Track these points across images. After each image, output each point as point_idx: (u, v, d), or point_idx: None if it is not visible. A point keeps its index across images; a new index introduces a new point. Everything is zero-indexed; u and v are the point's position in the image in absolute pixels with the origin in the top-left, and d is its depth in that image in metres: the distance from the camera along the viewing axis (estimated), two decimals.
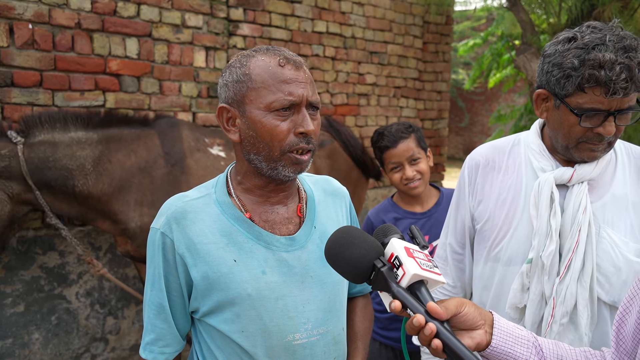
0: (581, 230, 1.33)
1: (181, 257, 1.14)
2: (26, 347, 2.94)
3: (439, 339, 0.87)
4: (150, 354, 1.19)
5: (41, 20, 2.84)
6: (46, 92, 2.89)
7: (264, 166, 1.15)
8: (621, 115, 1.28)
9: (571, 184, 1.37)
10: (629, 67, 1.21)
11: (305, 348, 1.17)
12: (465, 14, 10.66)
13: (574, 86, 1.27)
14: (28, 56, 2.81)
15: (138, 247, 2.61)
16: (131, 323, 3.33)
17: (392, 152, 2.18)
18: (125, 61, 3.16)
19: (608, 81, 1.22)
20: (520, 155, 1.49)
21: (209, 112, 3.55)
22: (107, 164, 2.54)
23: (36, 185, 2.40)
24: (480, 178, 1.54)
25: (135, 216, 2.57)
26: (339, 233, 1.02)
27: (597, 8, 3.74)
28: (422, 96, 5.10)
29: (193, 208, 1.17)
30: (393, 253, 0.96)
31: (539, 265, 1.36)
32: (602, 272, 1.34)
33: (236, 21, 3.67)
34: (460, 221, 1.61)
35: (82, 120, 2.53)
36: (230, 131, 1.18)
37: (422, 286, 0.94)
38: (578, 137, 1.32)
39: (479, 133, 16.28)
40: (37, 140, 2.40)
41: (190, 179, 2.67)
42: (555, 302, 1.34)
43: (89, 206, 2.54)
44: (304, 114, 1.14)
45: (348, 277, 1.00)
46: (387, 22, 4.70)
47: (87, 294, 3.14)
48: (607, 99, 1.24)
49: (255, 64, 1.14)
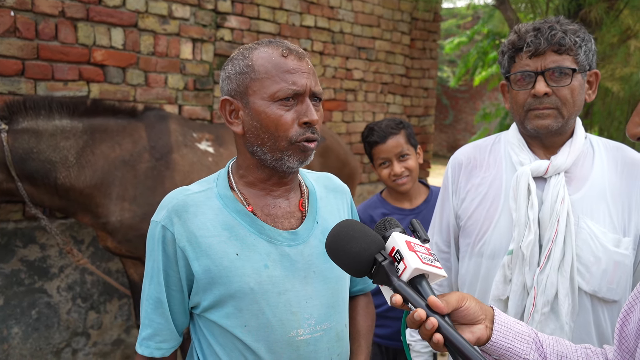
0: (560, 220, 1.37)
1: (182, 251, 1.12)
2: (5, 341, 2.88)
3: (440, 333, 0.87)
4: (146, 349, 1.17)
5: (24, 7, 2.76)
6: (28, 81, 2.82)
7: (269, 157, 1.14)
8: (551, 75, 1.39)
9: (548, 175, 1.43)
10: (539, 28, 1.39)
11: (309, 344, 1.16)
12: (452, 12, 10.72)
13: (507, 60, 1.46)
14: (10, 44, 2.74)
15: (119, 242, 2.54)
16: (113, 318, 3.29)
17: (381, 148, 2.18)
18: (110, 51, 3.10)
19: (520, 41, 1.41)
20: (500, 152, 1.55)
21: (195, 105, 3.51)
22: (90, 155, 2.46)
23: (19, 176, 2.33)
24: (463, 177, 1.59)
25: (116, 210, 2.49)
26: (340, 227, 1.02)
27: (583, 8, 3.78)
28: (409, 93, 5.11)
29: (194, 201, 1.15)
30: (394, 247, 0.96)
31: (519, 256, 1.40)
32: (582, 262, 1.37)
33: (224, 13, 3.63)
34: (445, 220, 1.65)
35: (67, 107, 2.44)
36: (233, 124, 1.17)
37: (423, 280, 0.94)
38: (523, 105, 1.43)
39: (462, 130, 16.42)
40: (20, 127, 2.32)
41: (175, 175, 2.60)
42: (537, 291, 1.38)
43: (69, 199, 2.47)
44: (308, 104, 1.13)
45: (349, 271, 1.00)
46: (376, 17, 4.70)
47: (68, 287, 3.08)
48: (531, 60, 1.40)
49: (258, 55, 1.14)
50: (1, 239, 2.83)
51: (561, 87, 1.39)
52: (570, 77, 1.38)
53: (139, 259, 2.64)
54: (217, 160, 2.79)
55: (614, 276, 1.36)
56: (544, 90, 1.37)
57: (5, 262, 2.85)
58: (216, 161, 2.78)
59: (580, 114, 1.50)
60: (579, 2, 3.87)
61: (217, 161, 2.78)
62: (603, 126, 4.73)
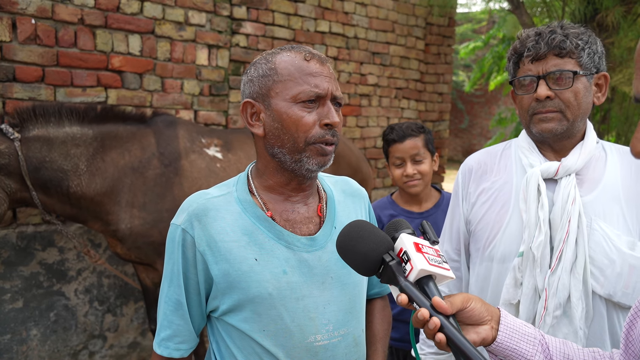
0: (571, 221, 1.36)
1: (202, 255, 1.13)
2: (24, 343, 2.93)
3: (442, 333, 0.88)
4: (165, 349, 1.18)
5: (44, 15, 2.83)
6: (48, 87, 2.88)
7: (288, 159, 1.15)
8: (553, 78, 1.40)
9: (558, 177, 1.42)
10: (540, 33, 1.41)
11: (327, 349, 1.16)
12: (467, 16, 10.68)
13: (512, 65, 1.49)
14: (30, 51, 2.80)
15: (128, 249, 2.54)
16: (130, 320, 3.32)
17: (398, 147, 2.20)
18: (128, 58, 3.15)
19: (522, 47, 1.44)
20: (511, 157, 1.55)
21: (210, 110, 3.55)
22: (100, 162, 2.46)
23: (33, 185, 2.33)
24: (473, 182, 1.59)
25: (125, 217, 2.49)
26: (351, 226, 1.03)
27: (600, 12, 3.75)
28: (424, 98, 5.10)
29: (214, 205, 1.16)
30: (402, 248, 0.98)
31: (530, 258, 1.38)
32: (596, 265, 1.35)
33: (239, 19, 3.66)
34: (455, 227, 1.64)
35: (77, 114, 2.44)
36: (254, 126, 1.18)
37: (430, 281, 0.96)
38: (528, 110, 1.44)
39: (478, 135, 16.31)
40: (31, 135, 2.32)
41: (184, 182, 2.60)
42: (548, 293, 1.36)
43: (81, 207, 2.47)
44: (329, 107, 1.15)
45: (357, 270, 1.02)
46: (390, 23, 4.70)
47: (85, 290, 3.13)
48: (532, 65, 1.42)
49: (281, 59, 1.16)
50: (21, 242, 2.89)
51: (563, 90, 1.39)
52: (572, 79, 1.38)
53: (149, 264, 2.65)
54: (226, 166, 2.77)
55: (629, 280, 1.33)
56: (545, 94, 1.39)
57: (25, 265, 2.90)
58: (224, 167, 2.76)
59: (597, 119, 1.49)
60: (596, 6, 3.83)
61: (225, 167, 2.77)
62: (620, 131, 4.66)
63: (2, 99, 2.75)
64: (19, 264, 2.88)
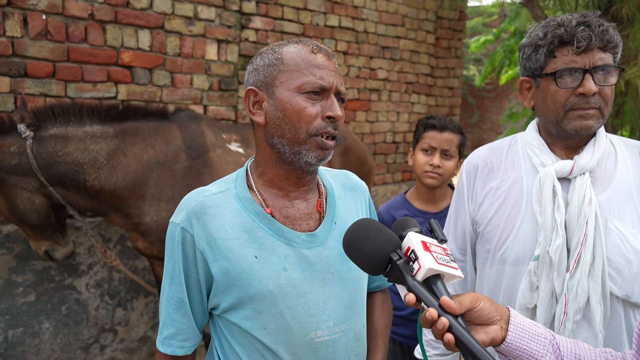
0: (588, 222, 1.31)
1: (201, 253, 1.13)
2: (36, 336, 2.96)
3: (451, 333, 0.87)
4: (169, 347, 1.18)
5: (55, 11, 2.83)
6: (59, 83, 2.89)
7: (287, 150, 1.14)
8: (599, 73, 1.31)
9: (573, 176, 1.36)
10: (587, 22, 1.29)
11: (328, 345, 1.16)
12: (478, 10, 10.58)
13: (544, 54, 1.34)
14: (41, 47, 2.82)
15: (151, 243, 2.56)
16: (140, 315, 3.34)
17: (434, 135, 2.17)
18: (138, 53, 3.15)
19: (569, 36, 1.29)
20: (518, 153, 1.48)
21: (219, 105, 3.55)
22: (122, 157, 2.47)
23: (48, 181, 2.36)
24: (480, 180, 1.52)
25: (151, 211, 2.50)
26: (357, 225, 1.02)
27: (614, 5, 3.68)
28: (434, 92, 5.06)
29: (213, 203, 1.16)
30: (410, 247, 0.96)
31: (546, 262, 1.33)
32: (613, 266, 1.31)
33: (248, 14, 3.65)
34: (460, 227, 1.58)
35: (98, 113, 2.46)
36: (255, 114, 1.18)
37: (438, 280, 0.94)
38: (564, 105, 1.33)
39: (488, 130, 16.18)
40: (48, 134, 2.34)
41: (214, 173, 2.61)
42: (567, 298, 1.31)
43: (100, 200, 2.50)
44: (333, 100, 1.15)
45: (365, 269, 1.01)
46: (400, 16, 4.67)
47: (97, 285, 3.15)
48: (578, 56, 1.30)
49: (288, 50, 1.16)
50: None
51: (606, 86, 1.31)
52: (614, 76, 1.32)
53: None
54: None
55: None
56: (595, 89, 1.29)
57: (37, 259, 2.93)
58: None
59: (610, 113, 1.44)
60: None
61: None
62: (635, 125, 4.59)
63: (14, 94, 2.77)
64: (31, 257, 2.90)
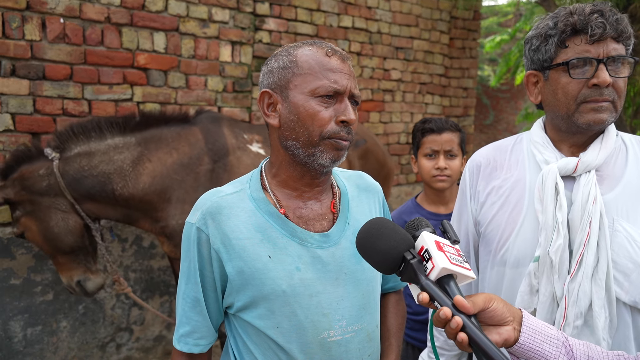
0: (592, 222, 1.24)
1: (216, 252, 1.14)
2: (54, 334, 3.01)
3: (464, 333, 0.87)
4: (185, 345, 1.20)
5: (72, 14, 2.88)
6: (76, 85, 2.94)
7: (301, 152, 1.15)
8: (613, 64, 1.25)
9: (577, 174, 1.29)
10: (601, 10, 1.23)
11: (340, 345, 1.16)
12: (493, 9, 10.49)
13: (555, 44, 1.27)
14: (59, 50, 2.86)
15: (175, 246, 2.56)
16: (155, 314, 3.38)
17: (434, 138, 2.16)
18: (153, 55, 3.19)
19: (582, 24, 1.22)
20: (522, 152, 1.43)
21: (234, 106, 3.57)
22: (147, 163, 2.49)
23: (77, 197, 2.39)
24: (482, 179, 1.46)
25: (176, 214, 2.52)
26: (371, 224, 1.03)
27: (633, 3, 3.63)
28: (448, 93, 5.03)
29: (228, 203, 1.17)
30: (423, 246, 0.97)
31: (547, 263, 1.27)
32: (620, 269, 1.24)
33: (262, 16, 3.67)
34: (463, 228, 1.53)
35: (117, 125, 2.48)
36: (270, 116, 1.19)
37: (451, 280, 0.94)
38: (576, 97, 1.26)
39: (503, 131, 16.02)
40: (73, 153, 2.39)
41: (232, 177, 2.60)
42: (567, 302, 1.25)
43: (131, 207, 2.51)
44: (347, 104, 1.15)
45: (378, 268, 1.01)
46: (414, 17, 4.65)
47: (113, 284, 3.19)
48: (591, 46, 1.23)
49: (303, 52, 1.16)
50: None
51: (620, 78, 1.25)
52: (627, 68, 1.27)
53: None
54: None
55: None
56: (609, 80, 1.22)
57: None
58: None
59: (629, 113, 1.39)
60: None
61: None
62: None
63: (33, 97, 2.81)
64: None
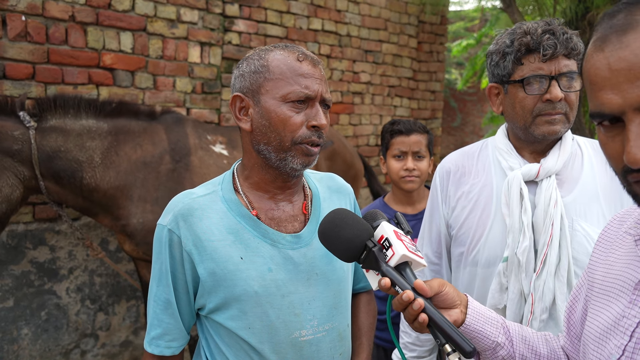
0: (554, 224, 1.35)
1: (188, 254, 1.14)
2: (15, 342, 2.91)
3: (425, 314, 0.94)
4: (156, 348, 1.19)
5: (35, 12, 2.80)
6: (39, 85, 2.86)
7: (273, 157, 1.16)
8: (564, 80, 1.35)
9: (539, 179, 1.40)
10: (552, 30, 1.34)
11: (312, 344, 1.18)
12: (459, 14, 10.71)
13: (512, 61, 1.38)
14: (21, 48, 2.78)
15: (137, 245, 2.55)
16: (122, 319, 3.31)
17: (403, 139, 2.21)
18: (120, 55, 3.13)
19: (535, 44, 1.34)
20: (488, 158, 1.53)
21: (202, 108, 3.54)
22: (115, 156, 2.48)
23: (44, 175, 2.35)
24: (452, 185, 1.56)
25: (137, 212, 2.50)
26: (334, 214, 1.07)
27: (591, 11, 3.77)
28: (416, 96, 5.11)
29: (200, 205, 1.17)
30: (383, 235, 1.03)
31: (515, 263, 1.38)
32: (580, 266, 1.36)
33: (232, 17, 3.65)
34: (435, 230, 1.62)
35: (95, 107, 2.48)
36: (242, 120, 1.19)
37: (407, 267, 1.02)
38: (532, 111, 1.37)
39: (470, 133, 16.33)
40: (48, 125, 2.35)
41: (194, 177, 2.62)
42: (534, 298, 1.36)
43: (93, 200, 2.49)
44: (318, 109, 1.16)
45: (340, 256, 1.06)
46: (383, 20, 4.71)
47: (77, 289, 3.11)
48: (544, 64, 1.34)
49: (274, 57, 1.17)
50: (11, 241, 2.87)
51: (571, 92, 1.36)
52: (578, 82, 1.37)
53: None
54: (232, 162, 2.82)
55: None
56: (561, 95, 1.33)
57: (15, 264, 2.88)
58: (231, 163, 2.81)
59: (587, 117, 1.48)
60: (587, 4, 3.86)
61: (231, 163, 2.81)
62: None
63: None
64: (10, 262, 2.86)
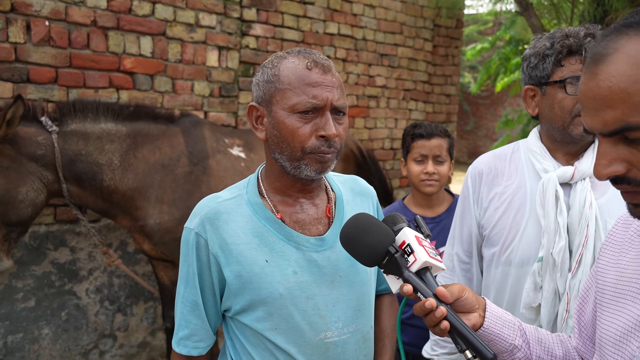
0: (589, 225, 1.40)
1: (215, 257, 1.16)
2: (36, 342, 2.96)
3: (447, 321, 0.96)
4: (184, 348, 1.22)
5: (57, 17, 2.85)
6: (61, 88, 2.90)
7: (288, 165, 1.18)
8: None
9: (574, 181, 1.44)
10: (593, 34, 1.38)
11: (338, 346, 1.19)
12: (473, 18, 10.66)
13: (552, 63, 1.42)
14: (44, 53, 2.83)
15: (155, 245, 2.60)
16: (139, 320, 3.34)
17: (424, 143, 2.20)
18: (139, 59, 3.17)
19: (577, 46, 1.38)
20: (521, 160, 1.56)
21: (220, 111, 3.57)
22: (133, 159, 2.54)
23: (67, 178, 2.41)
24: (485, 186, 1.59)
25: (154, 213, 2.56)
26: (357, 219, 1.08)
27: (610, 14, 3.74)
28: (431, 99, 5.10)
29: (226, 209, 1.19)
30: (405, 241, 1.05)
31: (550, 263, 1.42)
32: None
33: (249, 21, 3.68)
34: (466, 230, 1.65)
35: (112, 111, 2.53)
36: (258, 129, 1.21)
37: (428, 272, 1.03)
38: (571, 111, 1.41)
39: (483, 137, 16.28)
40: (69, 129, 2.41)
41: (211, 180, 2.66)
42: (570, 297, 1.39)
43: (112, 202, 2.54)
44: (327, 118, 1.15)
45: (362, 261, 1.07)
46: (398, 24, 4.71)
47: (96, 290, 3.15)
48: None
49: (285, 65, 1.16)
50: (33, 242, 2.91)
51: None
52: None
53: (172, 262, 2.70)
54: (249, 165, 2.84)
55: None
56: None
57: (37, 265, 2.93)
58: (248, 166, 2.83)
59: None
60: (605, 7, 3.83)
61: (249, 166, 2.84)
62: None
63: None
64: (31, 263, 2.91)
